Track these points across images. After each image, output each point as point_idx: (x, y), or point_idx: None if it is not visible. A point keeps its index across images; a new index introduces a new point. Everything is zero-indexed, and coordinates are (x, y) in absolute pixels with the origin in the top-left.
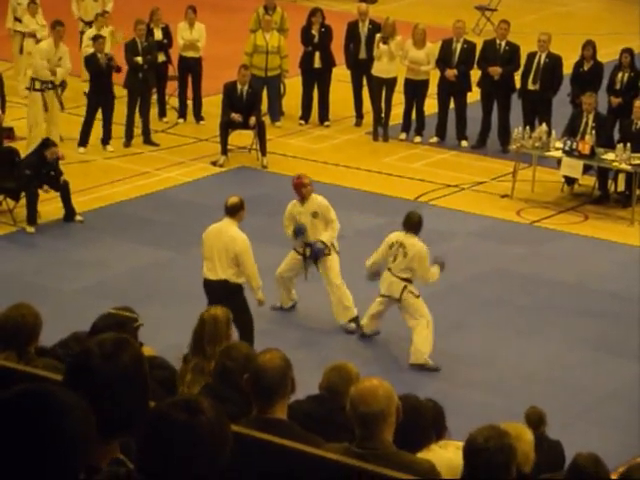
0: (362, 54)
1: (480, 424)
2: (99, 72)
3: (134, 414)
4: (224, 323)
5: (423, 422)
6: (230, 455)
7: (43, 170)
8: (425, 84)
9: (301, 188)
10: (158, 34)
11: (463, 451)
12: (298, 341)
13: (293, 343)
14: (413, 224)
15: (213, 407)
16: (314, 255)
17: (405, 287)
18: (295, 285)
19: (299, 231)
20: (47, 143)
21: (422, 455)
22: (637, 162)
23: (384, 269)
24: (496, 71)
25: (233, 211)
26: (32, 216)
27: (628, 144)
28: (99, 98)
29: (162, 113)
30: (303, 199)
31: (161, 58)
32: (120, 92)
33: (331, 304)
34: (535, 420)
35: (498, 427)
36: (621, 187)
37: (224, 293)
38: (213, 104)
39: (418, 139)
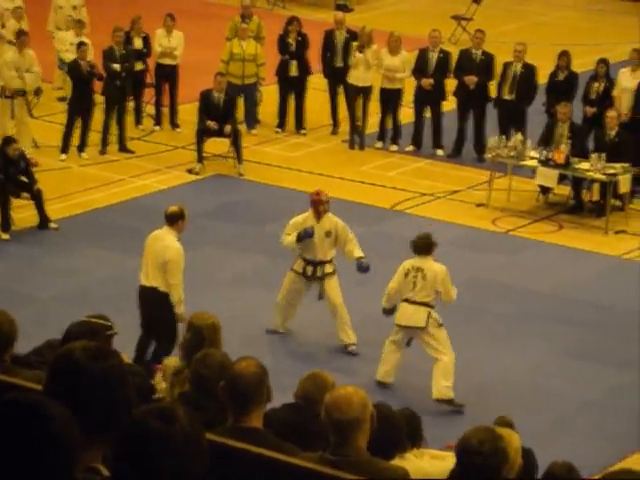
0: (338, 62)
1: (456, 432)
2: (81, 79)
3: (114, 419)
4: (220, 329)
5: (396, 430)
6: (207, 464)
7: (10, 169)
8: (400, 93)
9: (319, 205)
10: (139, 43)
11: (456, 450)
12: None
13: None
14: (424, 246)
15: (188, 415)
16: (364, 270)
17: (429, 314)
18: (295, 314)
19: (307, 234)
20: (7, 140)
21: (397, 463)
22: (611, 172)
23: (399, 301)
24: (472, 80)
25: (172, 220)
26: (5, 223)
27: (602, 154)
28: (80, 105)
29: (138, 120)
30: (319, 216)
31: (139, 66)
32: (96, 99)
33: (336, 324)
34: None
35: (493, 430)
36: (595, 196)
37: (153, 300)
38: (189, 112)
39: (394, 148)
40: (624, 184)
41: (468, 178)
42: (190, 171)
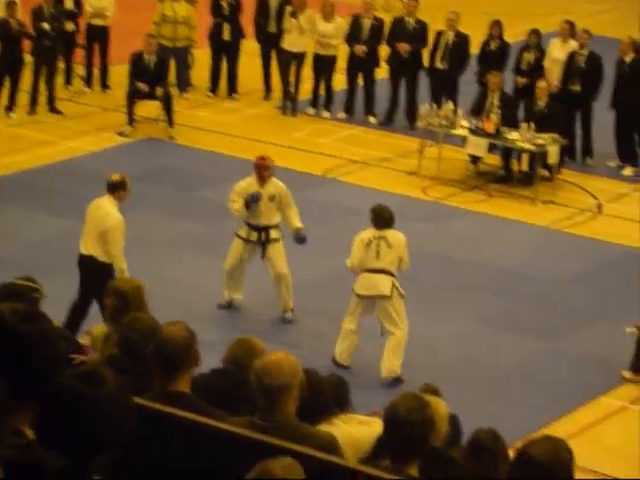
0: (272, 27)
1: (385, 399)
2: (10, 38)
3: (43, 383)
4: (144, 291)
5: (323, 397)
6: (134, 426)
7: None
8: (333, 59)
9: (263, 170)
10: (69, 3)
11: (384, 418)
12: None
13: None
14: (385, 220)
15: (115, 378)
16: (301, 241)
17: (393, 283)
18: (242, 281)
19: (254, 199)
20: None
21: (324, 428)
22: (540, 142)
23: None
24: (404, 48)
25: (112, 189)
26: None
27: (532, 124)
28: (9, 65)
29: (68, 81)
30: (263, 181)
31: (70, 27)
32: (26, 59)
33: (278, 293)
34: (429, 391)
35: (420, 397)
36: (524, 166)
37: (91, 269)
38: (120, 73)
39: (326, 114)
40: (553, 155)
41: (399, 146)
42: (120, 134)
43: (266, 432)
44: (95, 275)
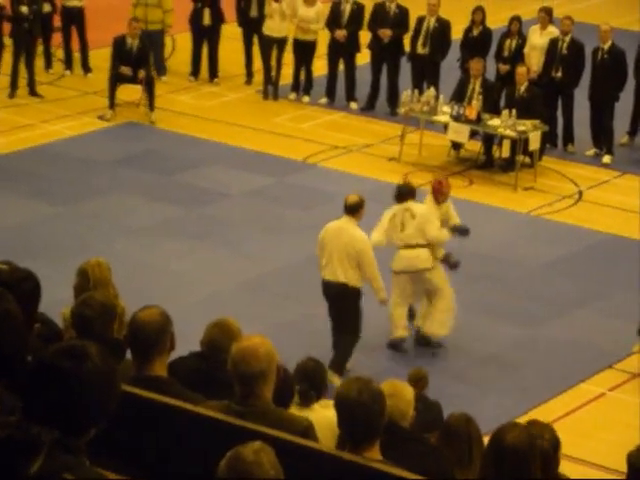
0: (253, 12)
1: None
2: None
3: (14, 357)
4: (107, 268)
5: (287, 383)
6: (119, 400)
7: None
8: (313, 44)
9: (439, 195)
10: None
11: (336, 407)
12: None
13: None
14: (406, 193)
15: (100, 352)
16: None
17: (429, 252)
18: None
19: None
20: None
21: (302, 413)
22: (522, 128)
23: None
24: (386, 34)
25: (353, 210)
26: None
27: (513, 110)
28: None
29: (48, 65)
30: (438, 203)
31: (47, 8)
32: (6, 42)
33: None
34: (414, 380)
35: (362, 377)
36: (506, 153)
37: (342, 295)
38: (101, 57)
39: (306, 99)
40: (534, 141)
41: (381, 132)
42: (101, 117)
43: (243, 417)
44: (346, 300)
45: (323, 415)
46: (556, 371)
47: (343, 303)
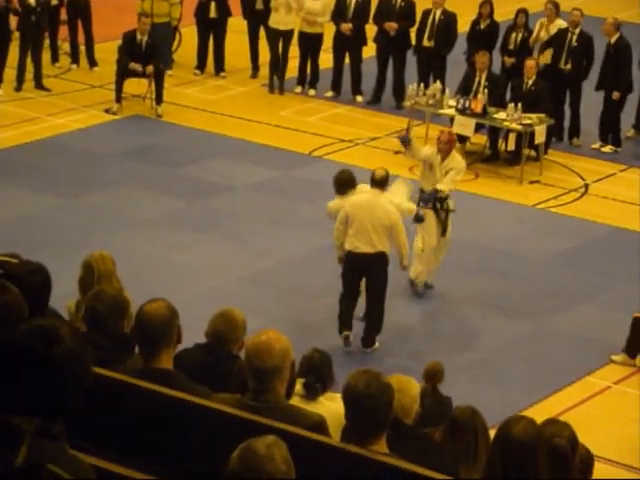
0: (259, 5)
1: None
2: None
3: None
4: (111, 261)
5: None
6: (92, 382)
7: None
8: (320, 37)
9: (451, 145)
10: None
11: (343, 398)
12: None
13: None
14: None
15: (73, 334)
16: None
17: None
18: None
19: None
20: None
21: (309, 406)
22: (527, 122)
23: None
24: (392, 27)
25: (382, 183)
26: None
27: (519, 104)
28: None
29: (55, 58)
30: (445, 156)
31: (54, 1)
32: (13, 35)
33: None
34: (430, 374)
35: (371, 370)
36: (511, 146)
37: (379, 265)
38: (107, 50)
39: (312, 92)
40: (540, 134)
41: (387, 125)
42: (107, 111)
43: (256, 412)
44: (383, 267)
45: (329, 408)
46: (561, 364)
47: (381, 270)
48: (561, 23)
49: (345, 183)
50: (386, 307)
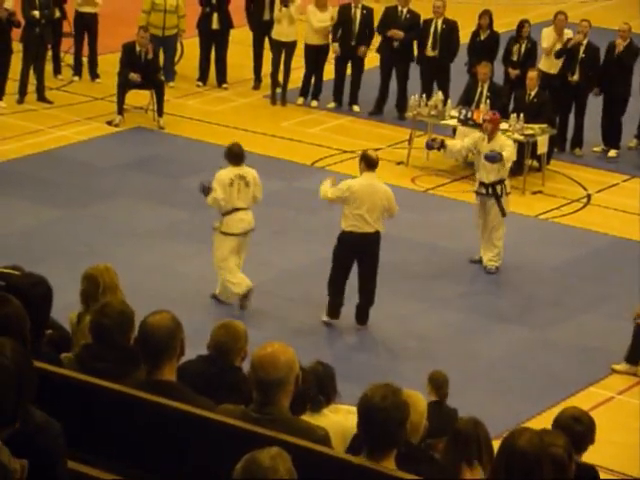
0: (266, 15)
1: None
2: None
3: None
4: (114, 273)
5: (303, 387)
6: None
7: None
8: (326, 49)
9: (495, 124)
10: None
11: (358, 410)
12: None
13: None
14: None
15: (15, 348)
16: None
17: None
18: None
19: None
20: None
21: (312, 420)
22: (530, 132)
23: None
24: (398, 34)
25: (376, 165)
26: None
27: (521, 114)
28: None
29: (57, 70)
30: (491, 136)
31: (57, 14)
32: (15, 47)
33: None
34: (440, 382)
35: (391, 385)
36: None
37: (376, 243)
38: (109, 62)
39: (314, 103)
40: (542, 145)
41: (389, 136)
42: (110, 123)
43: (261, 425)
44: (378, 245)
45: (332, 420)
46: (564, 374)
47: (377, 249)
48: (568, 33)
49: (238, 155)
50: (386, 315)
